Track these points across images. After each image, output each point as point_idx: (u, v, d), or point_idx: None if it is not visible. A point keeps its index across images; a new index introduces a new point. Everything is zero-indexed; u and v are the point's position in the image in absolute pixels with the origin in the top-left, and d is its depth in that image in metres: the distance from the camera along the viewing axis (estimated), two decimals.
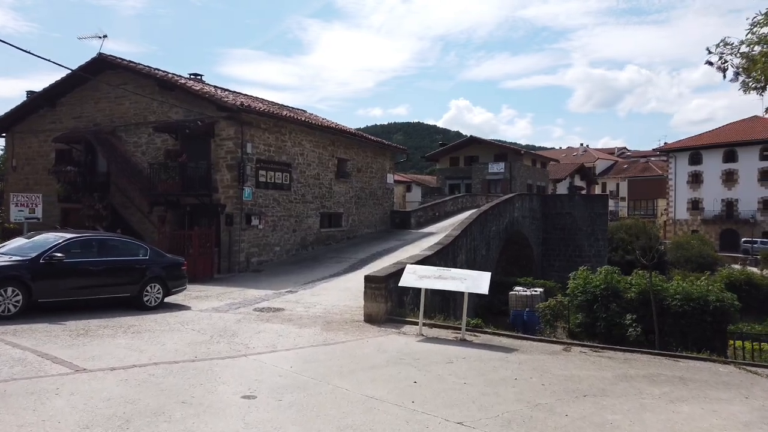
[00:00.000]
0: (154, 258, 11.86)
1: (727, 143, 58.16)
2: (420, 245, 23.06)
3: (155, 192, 18.69)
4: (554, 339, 10.77)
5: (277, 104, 20.16)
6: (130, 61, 20.59)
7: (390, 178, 28.44)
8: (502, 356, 8.65)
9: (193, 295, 13.88)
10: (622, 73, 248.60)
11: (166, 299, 12.12)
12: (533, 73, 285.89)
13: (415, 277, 9.93)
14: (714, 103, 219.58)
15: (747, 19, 8.59)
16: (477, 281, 9.73)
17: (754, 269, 43.39)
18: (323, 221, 23.27)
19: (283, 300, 13.32)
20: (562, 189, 60.52)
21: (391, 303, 11.22)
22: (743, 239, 55.17)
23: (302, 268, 19.10)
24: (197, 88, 18.76)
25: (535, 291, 22.07)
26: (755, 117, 62.21)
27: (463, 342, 9.54)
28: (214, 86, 20.26)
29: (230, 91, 22.44)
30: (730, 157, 58.11)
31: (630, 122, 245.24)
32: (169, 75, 20.26)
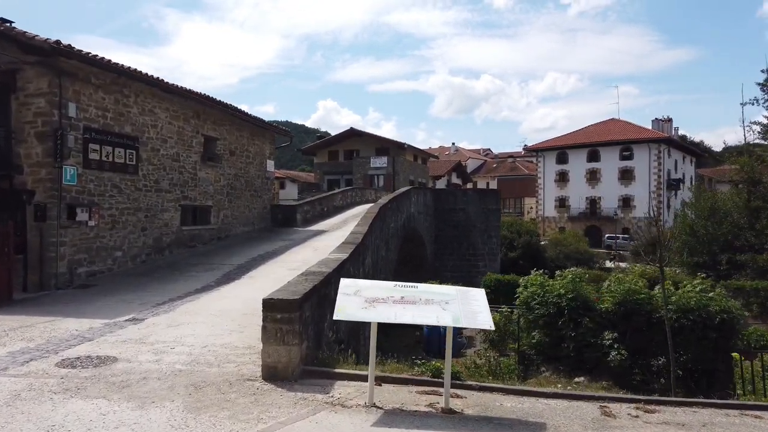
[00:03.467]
0: None
1: (591, 143, 60.58)
2: (313, 246, 18.60)
3: None
4: (577, 393, 7.01)
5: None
6: None
7: (270, 165, 23.53)
8: None
9: None
10: (478, 82, 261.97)
11: None
12: (397, 78, 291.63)
13: (360, 302, 5.57)
14: (556, 113, 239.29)
15: None
16: (468, 306, 5.64)
17: (622, 264, 44.67)
18: (185, 217, 17.85)
19: (119, 338, 8.20)
20: (440, 186, 59.14)
21: (307, 343, 6.76)
22: (606, 235, 57.59)
23: (156, 280, 13.74)
24: None
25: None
26: (613, 119, 65.95)
27: (449, 415, 5.41)
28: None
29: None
30: (594, 156, 60.57)
31: (485, 128, 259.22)
32: None
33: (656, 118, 61.82)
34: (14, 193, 12.70)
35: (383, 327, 5.90)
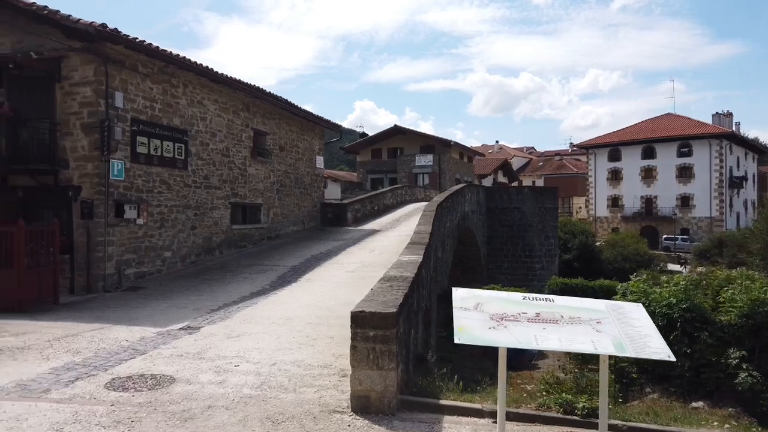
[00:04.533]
0: None
1: (646, 140, 57.68)
2: (368, 246, 17.39)
3: None
4: None
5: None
6: None
7: (320, 161, 22.48)
8: None
9: None
10: (517, 80, 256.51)
11: None
12: (434, 77, 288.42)
13: (485, 319, 4.27)
14: (598, 110, 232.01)
15: None
16: (628, 327, 4.26)
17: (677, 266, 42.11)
18: (235, 215, 16.91)
19: (175, 351, 7.11)
20: (486, 185, 57.30)
21: (402, 366, 5.50)
22: (664, 236, 54.73)
23: (207, 283, 12.76)
24: (30, 0, 11.81)
25: None
26: (670, 114, 62.75)
27: None
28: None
29: None
30: (649, 153, 57.64)
31: (525, 126, 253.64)
32: None
33: (717, 113, 58.43)
34: (60, 190, 11.90)
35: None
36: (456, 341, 4.08)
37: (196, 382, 5.87)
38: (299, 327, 8.50)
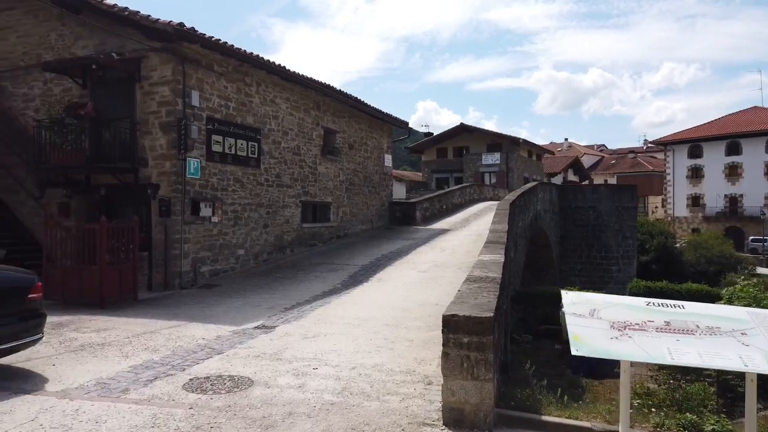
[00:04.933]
0: None
1: (730, 135, 53.88)
2: (439, 246, 16.88)
3: (46, 166, 11.95)
4: None
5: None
6: None
7: (388, 159, 22.18)
8: None
9: (78, 341, 7.35)
10: (585, 76, 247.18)
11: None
12: (497, 76, 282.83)
13: (605, 328, 3.71)
14: (673, 106, 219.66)
15: None
16: None
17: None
18: (306, 213, 16.84)
19: (251, 351, 6.90)
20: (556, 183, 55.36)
21: (497, 375, 4.99)
22: (750, 237, 50.98)
23: (279, 281, 12.66)
24: (112, 2, 12.09)
25: None
26: (757, 108, 58.40)
27: None
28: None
29: None
30: (734, 149, 53.80)
31: (593, 123, 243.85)
32: None
33: None
34: (139, 188, 12.13)
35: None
36: (573, 352, 3.54)
37: (275, 385, 5.59)
38: (376, 328, 8.12)
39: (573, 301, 3.96)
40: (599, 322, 3.73)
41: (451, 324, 4.60)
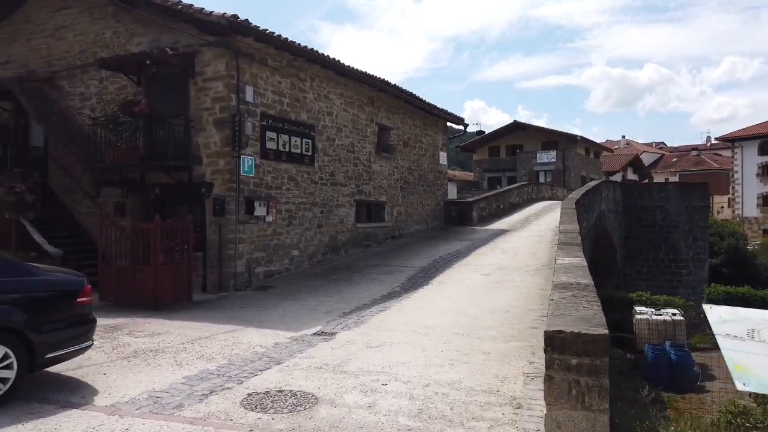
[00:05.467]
0: None
1: None
2: (500, 247, 15.99)
3: (102, 164, 11.80)
4: None
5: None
6: None
7: (443, 157, 21.39)
8: None
9: (131, 346, 6.94)
10: (641, 72, 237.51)
11: (44, 370, 5.19)
12: (547, 73, 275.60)
13: None
14: (735, 101, 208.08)
15: None
16: None
17: None
18: (360, 213, 16.27)
19: (313, 362, 6.31)
20: None
21: (606, 405, 4.18)
22: None
23: (334, 283, 12.12)
24: None
25: (673, 314, 14.79)
26: None
27: None
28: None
29: None
30: None
31: (649, 121, 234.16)
32: None
33: None
34: (193, 186, 11.81)
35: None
36: (739, 388, 2.73)
37: (342, 404, 4.96)
38: (444, 338, 7.40)
39: (723, 319, 3.14)
40: (764, 347, 2.90)
41: (556, 342, 3.83)
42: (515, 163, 46.19)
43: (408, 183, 18.82)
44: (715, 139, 61.35)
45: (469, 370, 5.95)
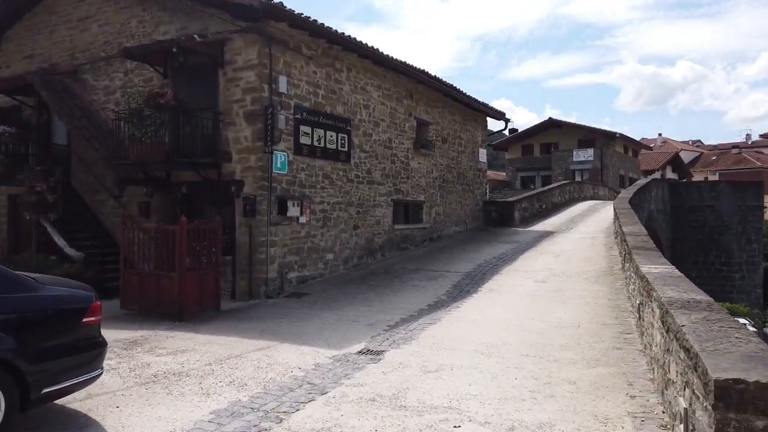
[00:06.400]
0: None
1: None
2: (549, 250, 14.78)
3: (125, 161, 10.99)
4: None
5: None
6: None
7: (483, 154, 20.22)
8: None
9: (151, 368, 6.01)
10: (673, 70, 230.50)
11: (48, 404, 4.27)
12: (577, 72, 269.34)
13: None
14: None
15: None
16: None
17: None
18: (397, 214, 15.23)
19: (362, 392, 5.28)
20: None
21: None
22: None
23: (374, 290, 11.10)
24: None
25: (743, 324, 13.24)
26: None
27: None
28: None
29: None
30: None
31: (681, 119, 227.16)
32: None
33: None
34: (222, 184, 10.93)
35: None
36: None
37: None
38: (514, 360, 6.29)
39: None
40: None
41: (733, 396, 2.71)
42: (550, 161, 44.60)
43: (446, 181, 17.71)
44: (760, 135, 58.53)
45: (557, 407, 4.84)
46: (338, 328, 8.15)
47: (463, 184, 18.82)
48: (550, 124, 45.68)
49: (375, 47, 12.94)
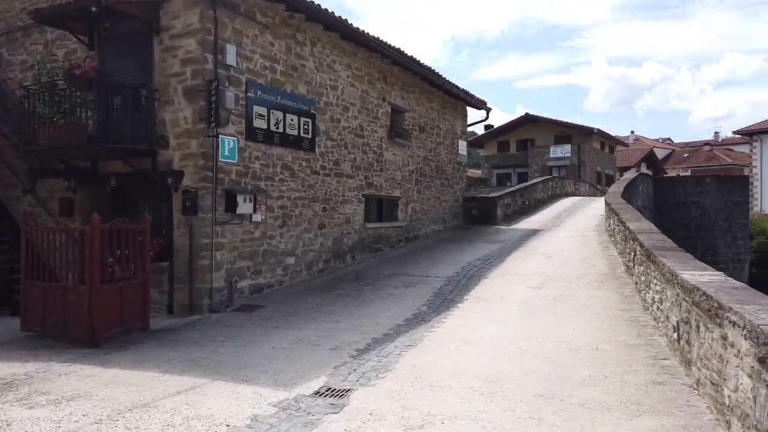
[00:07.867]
0: None
1: None
2: (540, 250, 13.25)
3: (35, 147, 8.99)
4: None
5: None
6: None
7: (462, 146, 18.64)
8: None
9: (11, 430, 4.17)
10: (641, 70, 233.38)
11: None
12: (546, 72, 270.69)
13: None
14: (735, 99, 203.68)
15: None
16: None
17: None
18: (369, 211, 13.50)
19: None
20: None
21: None
22: None
23: (342, 300, 9.36)
24: None
25: None
26: None
27: None
28: None
29: None
30: None
31: (648, 119, 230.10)
32: None
33: None
34: (158, 176, 9.03)
35: None
36: None
37: None
38: (525, 405, 4.64)
39: None
40: None
41: None
42: (526, 158, 43.47)
43: (424, 175, 16.06)
44: (733, 132, 58.57)
45: None
46: (293, 354, 6.40)
47: (441, 178, 17.20)
48: (527, 120, 44.53)
49: (344, 18, 11.18)
